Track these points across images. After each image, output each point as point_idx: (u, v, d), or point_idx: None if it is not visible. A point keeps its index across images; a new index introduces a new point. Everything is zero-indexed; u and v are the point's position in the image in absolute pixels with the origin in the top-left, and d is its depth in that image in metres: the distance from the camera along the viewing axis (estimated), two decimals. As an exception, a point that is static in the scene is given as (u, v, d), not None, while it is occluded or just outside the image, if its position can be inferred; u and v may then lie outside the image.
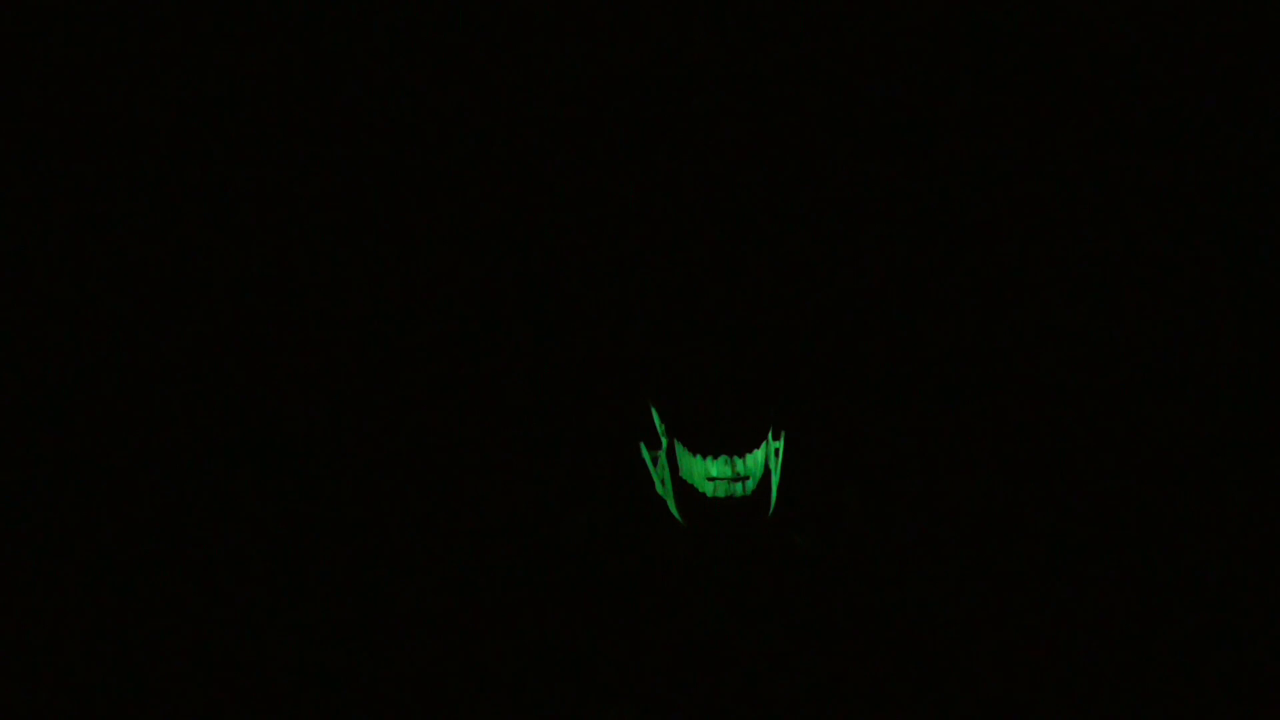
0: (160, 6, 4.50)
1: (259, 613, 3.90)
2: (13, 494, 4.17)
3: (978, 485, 4.41)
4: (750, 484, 4.11)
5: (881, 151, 4.66)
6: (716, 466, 4.11)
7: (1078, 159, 4.68)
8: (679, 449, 4.15)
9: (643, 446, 4.28)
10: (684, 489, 4.15)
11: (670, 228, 4.65)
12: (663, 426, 4.22)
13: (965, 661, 3.71)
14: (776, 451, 4.21)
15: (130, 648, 3.75)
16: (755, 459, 4.13)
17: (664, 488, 4.22)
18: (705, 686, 3.62)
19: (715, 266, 4.62)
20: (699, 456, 4.11)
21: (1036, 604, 3.95)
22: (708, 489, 4.12)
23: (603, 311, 4.59)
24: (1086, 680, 3.63)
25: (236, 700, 3.59)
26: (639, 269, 4.62)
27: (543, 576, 4.09)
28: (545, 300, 4.59)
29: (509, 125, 4.64)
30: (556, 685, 3.60)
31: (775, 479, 4.17)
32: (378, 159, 4.60)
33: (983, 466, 4.45)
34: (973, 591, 4.03)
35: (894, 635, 3.83)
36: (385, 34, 4.58)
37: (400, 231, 4.58)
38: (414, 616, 3.90)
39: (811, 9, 4.64)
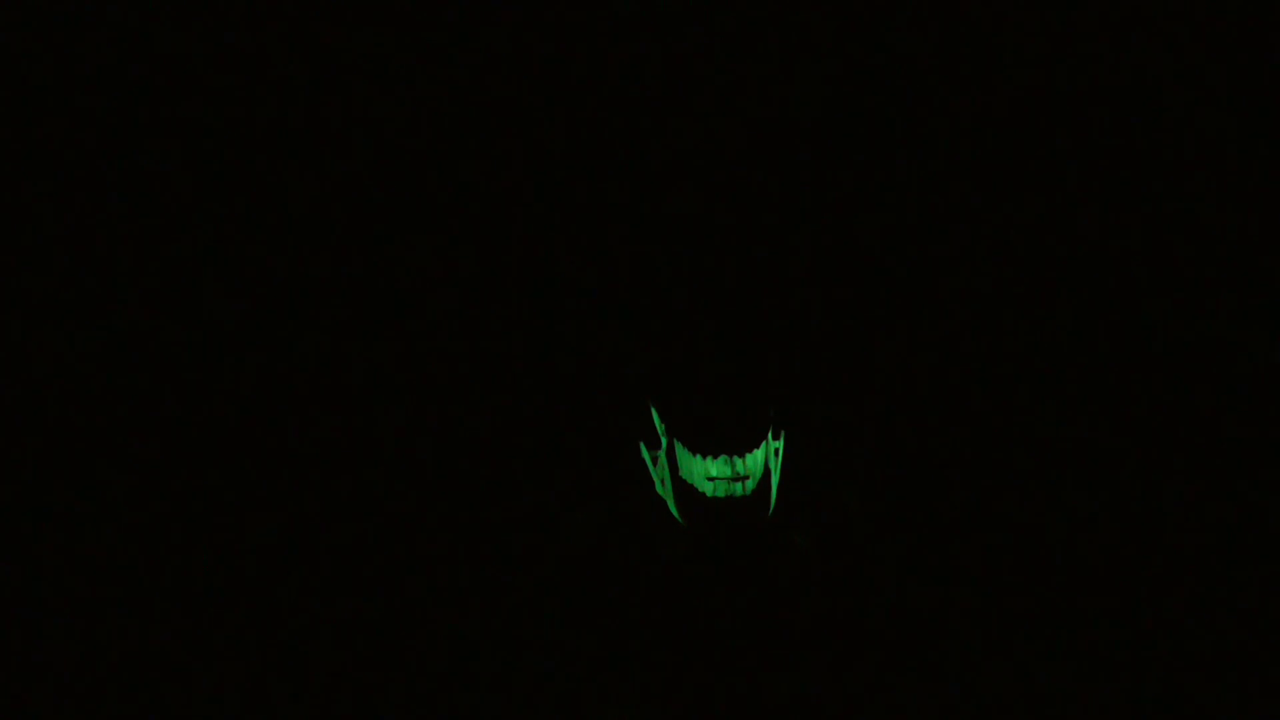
0: (160, 8, 4.51)
1: (260, 613, 3.90)
2: (13, 494, 4.18)
3: (976, 485, 4.41)
4: (750, 484, 4.11)
5: (880, 154, 4.66)
6: (716, 466, 4.11)
7: (1073, 162, 4.68)
8: (679, 449, 4.14)
9: (642, 446, 4.28)
10: (684, 489, 4.14)
11: (670, 230, 4.65)
12: (663, 426, 4.22)
13: (963, 660, 3.70)
14: (776, 451, 4.20)
15: (129, 647, 3.76)
16: (755, 459, 4.13)
17: (664, 487, 4.22)
18: (706, 686, 3.62)
19: (715, 268, 4.62)
20: (699, 456, 4.11)
21: (1034, 603, 3.95)
22: (708, 489, 4.11)
23: (603, 312, 4.59)
24: (1083, 679, 3.63)
25: (236, 700, 3.59)
26: (639, 270, 4.62)
27: (543, 575, 4.09)
28: (546, 301, 4.59)
29: (512, 128, 4.64)
30: (558, 684, 3.60)
31: (775, 479, 4.17)
32: (378, 160, 4.61)
33: (981, 466, 4.45)
34: (971, 590, 4.02)
35: (893, 634, 3.82)
36: (385, 36, 4.58)
37: (401, 233, 4.59)
38: (415, 615, 3.90)
39: (812, 10, 4.64)
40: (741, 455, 4.12)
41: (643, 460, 4.29)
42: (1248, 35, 4.59)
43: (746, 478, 4.11)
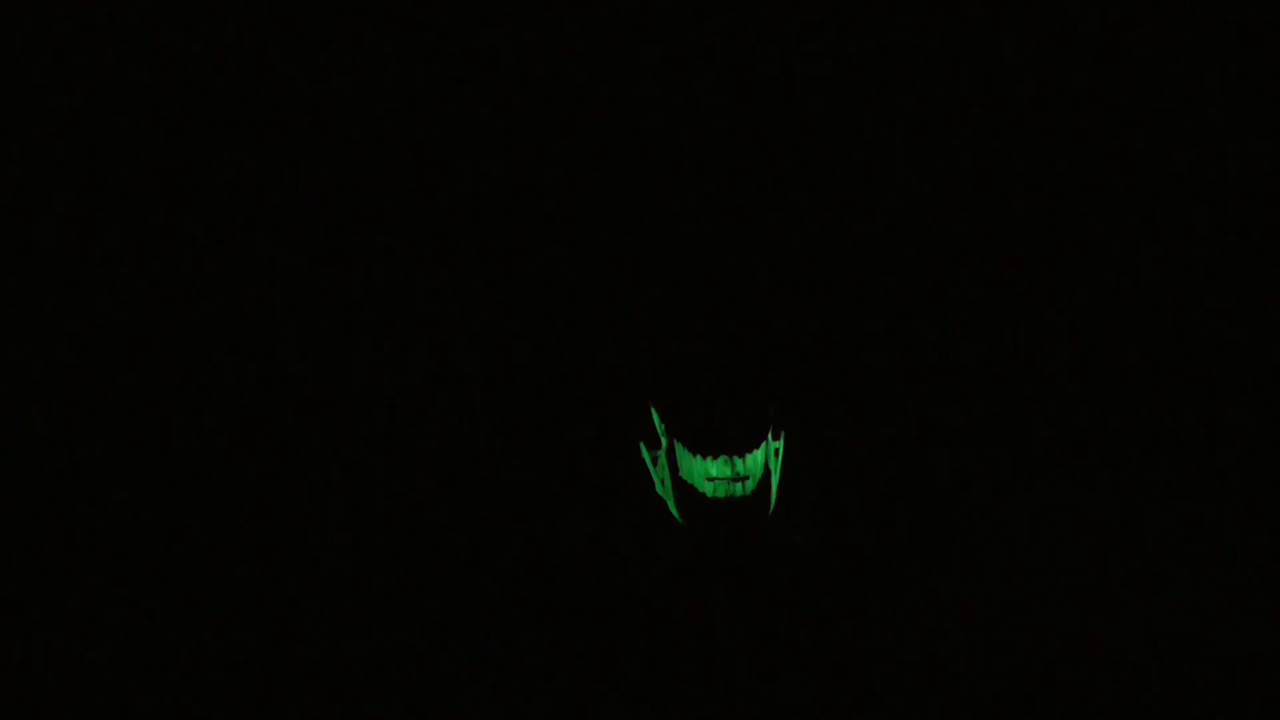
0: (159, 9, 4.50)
1: (260, 613, 3.90)
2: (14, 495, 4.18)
3: (975, 484, 4.41)
4: (750, 484, 4.11)
5: (880, 156, 4.66)
6: (716, 467, 4.10)
7: (1070, 164, 4.68)
8: (679, 449, 4.14)
9: (642, 446, 4.28)
10: (684, 489, 4.14)
11: (671, 230, 4.65)
12: (662, 426, 4.22)
13: (962, 660, 3.70)
14: (776, 451, 4.20)
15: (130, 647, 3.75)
16: (755, 459, 4.13)
17: (664, 488, 4.22)
18: (706, 685, 3.61)
19: (715, 268, 4.62)
20: (699, 456, 4.11)
21: (1033, 603, 3.95)
22: (708, 489, 4.11)
23: (603, 312, 4.59)
24: (1081, 679, 3.62)
25: (236, 700, 3.58)
26: (639, 271, 4.62)
27: (543, 576, 4.09)
28: (546, 301, 4.60)
29: (512, 128, 4.64)
30: (559, 683, 3.59)
31: (775, 479, 4.17)
32: (378, 160, 4.61)
33: (980, 466, 4.45)
34: (970, 590, 4.03)
35: (892, 634, 3.82)
36: (385, 36, 4.58)
37: (402, 233, 4.59)
38: (415, 615, 3.89)
39: (812, 11, 4.64)
40: (741, 455, 4.12)
41: (643, 460, 4.29)
42: (1248, 35, 4.59)
43: (746, 478, 4.10)
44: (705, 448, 4.11)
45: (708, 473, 4.11)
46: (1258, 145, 4.66)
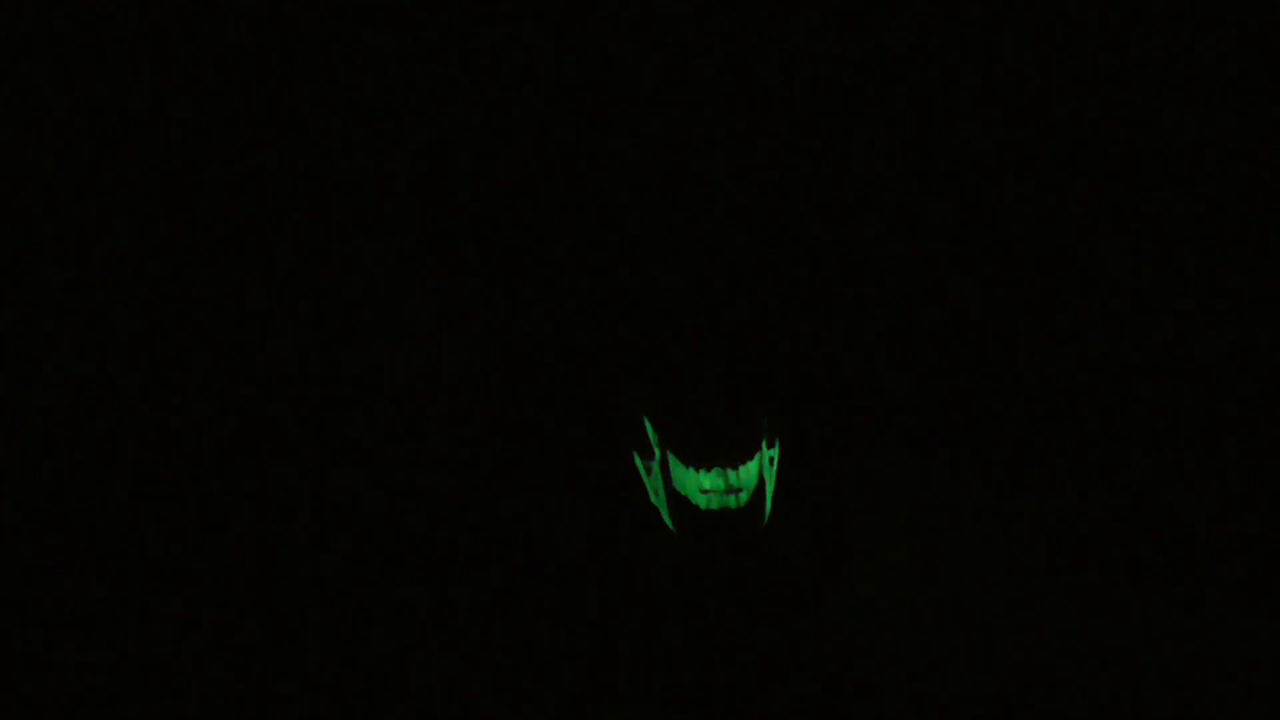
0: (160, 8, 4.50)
1: (254, 616, 3.92)
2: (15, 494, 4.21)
3: (972, 492, 4.40)
4: (744, 496, 4.10)
5: (872, 163, 4.63)
6: (709, 479, 4.09)
7: (1058, 165, 4.64)
8: (671, 461, 4.14)
9: (636, 457, 4.27)
10: (677, 500, 4.14)
11: (664, 239, 4.63)
12: (655, 438, 4.21)
13: (961, 667, 3.71)
14: (771, 460, 4.19)
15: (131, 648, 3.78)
16: (749, 470, 4.11)
17: (657, 498, 4.21)
18: (700, 698, 3.63)
19: (708, 277, 4.61)
20: (691, 469, 4.10)
21: (1032, 610, 3.95)
22: (701, 501, 4.10)
23: (596, 322, 4.58)
24: (1082, 682, 3.62)
25: (235, 701, 3.61)
26: (631, 280, 4.61)
27: (537, 587, 4.10)
28: (539, 311, 4.59)
29: (504, 130, 4.62)
30: (550, 696, 3.61)
31: (770, 489, 4.16)
32: (370, 158, 4.60)
33: (977, 473, 4.44)
34: (968, 598, 4.03)
35: (890, 645, 3.83)
36: (380, 33, 4.57)
37: (393, 236, 4.58)
38: (409, 624, 3.91)
39: (809, 9, 4.61)
40: (735, 468, 4.10)
41: (636, 470, 4.30)
42: (1248, 35, 4.54)
43: (740, 490, 4.09)
44: (698, 460, 4.10)
45: (701, 485, 4.10)
46: (1258, 145, 4.61)
